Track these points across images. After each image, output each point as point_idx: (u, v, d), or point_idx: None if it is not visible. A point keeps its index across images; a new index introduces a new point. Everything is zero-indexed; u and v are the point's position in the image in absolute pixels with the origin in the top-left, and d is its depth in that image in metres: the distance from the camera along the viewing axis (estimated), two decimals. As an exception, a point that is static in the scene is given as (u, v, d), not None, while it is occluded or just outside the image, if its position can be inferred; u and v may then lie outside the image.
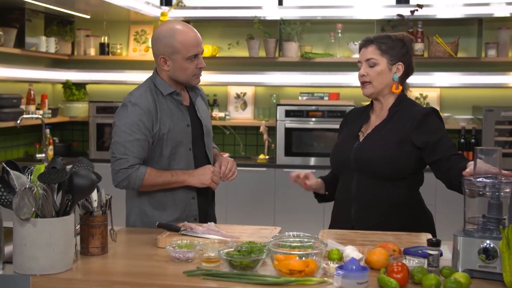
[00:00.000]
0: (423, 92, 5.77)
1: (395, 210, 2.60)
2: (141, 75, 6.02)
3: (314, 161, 5.54)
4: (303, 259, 2.00)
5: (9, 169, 2.03)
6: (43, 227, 1.98)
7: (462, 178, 2.11)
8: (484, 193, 2.03)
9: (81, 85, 6.19)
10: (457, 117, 5.62)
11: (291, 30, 5.73)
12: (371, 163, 2.61)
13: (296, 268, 1.96)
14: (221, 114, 5.94)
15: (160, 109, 2.73)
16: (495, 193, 2.01)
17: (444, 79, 5.67)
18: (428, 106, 2.73)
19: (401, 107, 2.68)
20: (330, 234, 2.48)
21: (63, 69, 6.17)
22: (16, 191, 2.01)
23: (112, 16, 5.99)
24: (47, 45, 5.66)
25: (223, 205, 5.00)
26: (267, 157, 5.76)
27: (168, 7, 5.92)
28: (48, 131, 5.51)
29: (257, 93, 6.13)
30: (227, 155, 4.93)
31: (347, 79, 5.78)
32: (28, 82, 5.53)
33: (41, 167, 2.08)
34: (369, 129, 2.71)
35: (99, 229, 2.24)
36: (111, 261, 2.22)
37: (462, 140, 5.44)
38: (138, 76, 6.08)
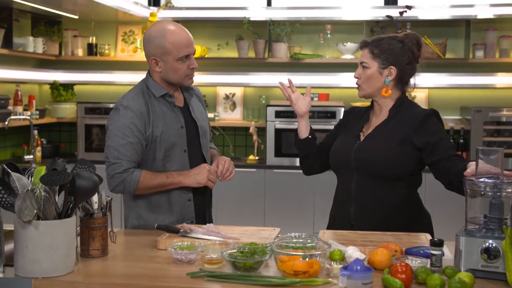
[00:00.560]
0: (411, 92, 5.77)
1: (394, 210, 2.61)
2: (129, 76, 6.03)
3: (304, 161, 5.53)
4: (307, 260, 2.00)
5: (10, 171, 2.00)
6: (45, 230, 1.96)
7: (463, 178, 2.12)
8: (485, 193, 2.05)
9: (68, 86, 6.14)
10: (446, 117, 5.64)
11: (280, 31, 5.73)
12: (371, 163, 2.61)
13: (300, 269, 1.96)
14: (210, 115, 5.92)
15: (152, 111, 2.70)
16: (497, 193, 2.03)
17: (432, 79, 5.70)
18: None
19: (402, 108, 2.70)
20: (329, 234, 2.48)
21: (51, 69, 6.12)
22: (16, 193, 1.99)
23: (100, 16, 5.95)
24: (35, 45, 5.61)
25: (213, 206, 4.97)
26: (257, 158, 5.76)
27: (156, 7, 5.89)
28: (36, 132, 5.46)
29: (246, 94, 6.12)
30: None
31: (337, 79, 5.81)
32: (15, 82, 5.47)
33: (42, 169, 2.06)
34: (369, 130, 2.71)
35: (100, 231, 2.22)
36: (112, 264, 2.20)
37: (450, 140, 5.48)
38: (126, 76, 6.07)
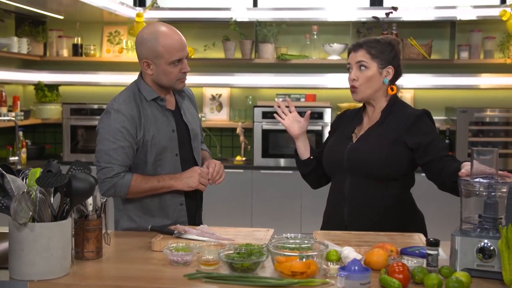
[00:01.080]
0: (399, 93, 5.82)
1: (388, 210, 2.62)
2: (115, 77, 6.00)
3: (290, 162, 5.54)
4: (304, 260, 2.00)
5: (4, 173, 1.98)
6: (41, 232, 1.93)
7: (458, 178, 2.14)
8: (480, 193, 2.07)
9: (53, 87, 6.08)
10: (431, 118, 5.69)
11: (267, 31, 5.74)
12: (364, 164, 2.62)
13: (298, 269, 1.96)
14: (197, 115, 5.91)
15: (143, 115, 2.67)
16: (491, 193, 2.05)
17: (418, 80, 5.74)
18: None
19: (394, 109, 2.70)
20: (323, 235, 2.49)
21: (35, 70, 6.06)
22: (10, 195, 1.97)
23: (85, 16, 5.90)
24: (19, 45, 5.56)
25: (200, 207, 4.97)
26: (244, 158, 5.75)
27: (142, 8, 5.86)
28: (21, 133, 5.40)
29: (232, 95, 6.12)
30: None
31: (323, 80, 5.83)
32: (-1, 83, 5.42)
33: (36, 171, 2.04)
34: (362, 131, 2.72)
35: (94, 233, 2.20)
36: (108, 266, 2.18)
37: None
38: (111, 77, 6.04)
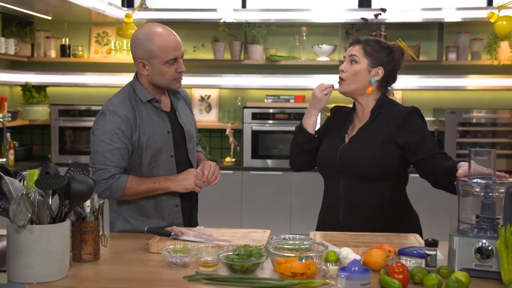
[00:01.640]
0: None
1: (383, 210, 2.63)
2: (103, 78, 5.98)
3: (280, 163, 5.55)
4: (303, 261, 2.01)
5: (2, 175, 1.96)
6: (40, 234, 1.92)
7: (456, 179, 2.15)
8: (478, 194, 2.08)
9: (41, 88, 6.03)
10: (419, 119, 5.73)
11: (256, 33, 5.73)
12: (356, 164, 2.63)
13: (298, 270, 1.96)
14: (186, 117, 5.89)
15: (139, 116, 2.66)
16: (489, 194, 2.06)
17: (406, 81, 5.75)
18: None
19: (383, 108, 2.71)
20: (320, 236, 2.49)
21: (23, 71, 6.01)
22: (8, 197, 1.95)
23: (73, 17, 5.86)
24: (6, 46, 5.50)
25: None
26: (233, 159, 5.75)
27: (130, 8, 5.83)
28: (8, 135, 5.35)
29: (221, 96, 6.11)
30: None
31: (312, 81, 5.83)
32: (-14, 84, 5.37)
33: (34, 173, 2.03)
34: (353, 131, 2.73)
35: (92, 235, 2.19)
36: (106, 268, 2.17)
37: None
38: (99, 78, 6.02)
